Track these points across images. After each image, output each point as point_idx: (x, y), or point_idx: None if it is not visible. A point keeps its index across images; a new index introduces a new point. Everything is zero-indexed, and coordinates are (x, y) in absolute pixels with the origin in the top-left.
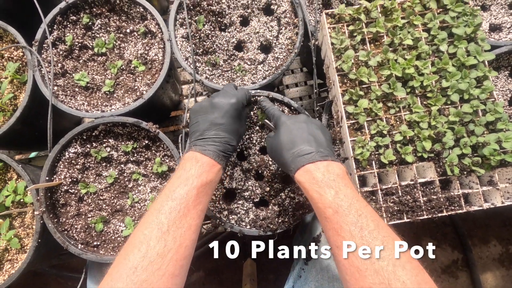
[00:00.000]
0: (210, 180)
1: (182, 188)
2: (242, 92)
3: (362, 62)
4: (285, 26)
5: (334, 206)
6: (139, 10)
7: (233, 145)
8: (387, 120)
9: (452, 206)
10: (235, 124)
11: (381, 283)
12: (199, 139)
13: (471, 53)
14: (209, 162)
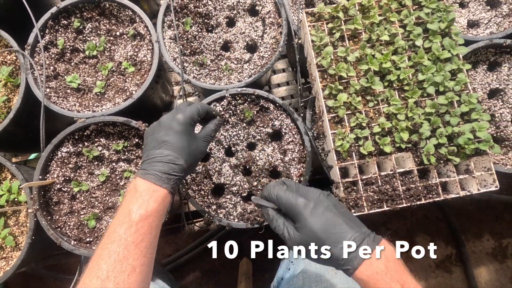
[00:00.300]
0: (151, 210)
1: (121, 227)
2: (193, 108)
3: (341, 58)
4: (269, 26)
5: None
6: (128, 14)
7: (179, 164)
8: (366, 113)
9: (430, 194)
10: (182, 141)
11: None
12: (144, 161)
13: (446, 47)
14: (149, 188)
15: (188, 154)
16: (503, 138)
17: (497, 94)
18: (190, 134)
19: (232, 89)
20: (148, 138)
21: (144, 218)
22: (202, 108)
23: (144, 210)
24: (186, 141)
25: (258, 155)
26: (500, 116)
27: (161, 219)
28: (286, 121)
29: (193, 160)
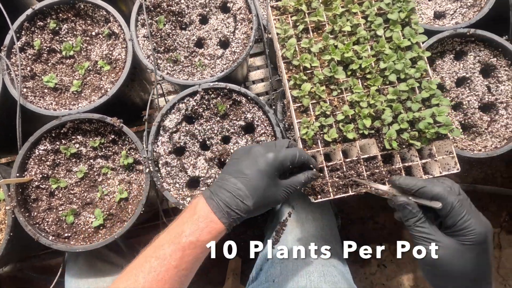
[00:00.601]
0: (203, 240)
1: (169, 246)
2: (290, 153)
3: (305, 50)
4: (240, 22)
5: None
6: (102, 14)
7: (246, 204)
8: (331, 102)
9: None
10: (261, 182)
11: None
12: (217, 182)
13: (406, 36)
14: (208, 216)
15: (261, 197)
16: (470, 125)
17: (464, 83)
18: (273, 178)
19: (204, 84)
20: (233, 159)
21: (193, 247)
22: (300, 157)
23: (196, 239)
24: (265, 184)
25: (233, 148)
26: (467, 104)
27: (206, 254)
28: (258, 114)
29: (263, 204)
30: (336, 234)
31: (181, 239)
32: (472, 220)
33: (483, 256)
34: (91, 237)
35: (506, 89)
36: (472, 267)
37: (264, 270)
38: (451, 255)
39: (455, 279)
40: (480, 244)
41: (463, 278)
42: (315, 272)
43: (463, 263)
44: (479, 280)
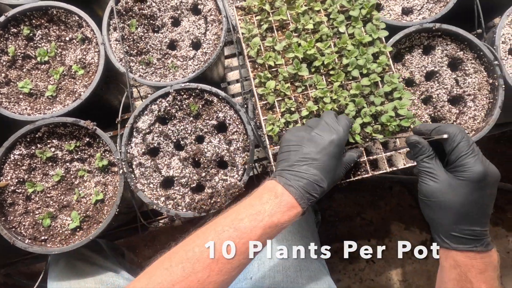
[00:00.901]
0: (282, 222)
1: (250, 222)
2: (345, 126)
3: (270, 48)
4: (211, 23)
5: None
6: (75, 19)
7: (322, 187)
8: (296, 98)
9: (359, 171)
10: (331, 163)
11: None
12: (286, 170)
13: (368, 32)
14: (289, 202)
15: (332, 177)
16: (440, 118)
17: (433, 76)
18: (339, 158)
19: (176, 85)
20: (291, 146)
21: (273, 227)
22: (350, 124)
23: (277, 220)
24: (334, 165)
25: (206, 147)
26: (437, 97)
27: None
28: (230, 113)
29: (333, 184)
30: (314, 230)
31: (263, 217)
32: (472, 159)
33: (477, 195)
34: (67, 239)
35: (473, 81)
36: (463, 202)
37: None
38: (444, 188)
39: (446, 211)
40: (475, 182)
41: (453, 212)
42: (291, 267)
43: (454, 197)
44: (471, 217)
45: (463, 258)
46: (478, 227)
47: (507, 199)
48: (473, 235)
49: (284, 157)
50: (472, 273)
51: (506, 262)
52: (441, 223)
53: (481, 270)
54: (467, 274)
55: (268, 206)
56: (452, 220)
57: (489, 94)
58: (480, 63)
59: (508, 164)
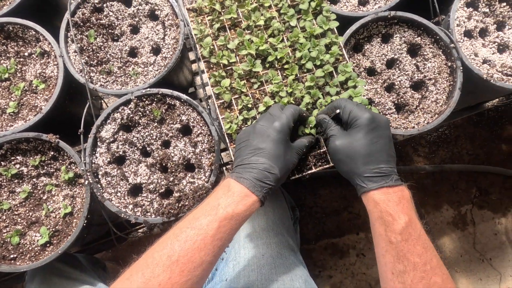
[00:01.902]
0: (238, 212)
1: (205, 218)
2: (288, 112)
3: (223, 47)
4: (169, 28)
5: (405, 234)
6: (32, 34)
7: (274, 174)
8: (253, 95)
9: (320, 162)
10: (278, 150)
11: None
12: (238, 166)
13: (319, 24)
14: (242, 191)
15: (283, 163)
16: (404, 104)
17: (394, 64)
18: (286, 142)
19: (136, 91)
20: (241, 143)
21: (229, 218)
22: (295, 111)
23: (232, 210)
24: (282, 150)
25: (173, 151)
26: (399, 84)
27: (240, 226)
28: (193, 115)
29: (286, 170)
30: (289, 226)
31: (217, 211)
32: (358, 110)
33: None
34: (38, 255)
35: (433, 65)
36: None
37: (218, 270)
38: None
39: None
40: (365, 125)
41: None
42: (266, 265)
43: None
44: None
45: (379, 195)
46: (383, 165)
47: (490, 181)
48: (380, 172)
49: (237, 155)
50: (390, 206)
51: (493, 244)
52: (353, 171)
53: (397, 202)
54: (386, 208)
55: (222, 200)
56: (360, 163)
57: (449, 77)
58: (438, 47)
59: (489, 147)
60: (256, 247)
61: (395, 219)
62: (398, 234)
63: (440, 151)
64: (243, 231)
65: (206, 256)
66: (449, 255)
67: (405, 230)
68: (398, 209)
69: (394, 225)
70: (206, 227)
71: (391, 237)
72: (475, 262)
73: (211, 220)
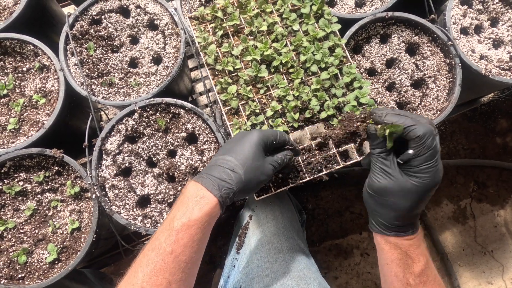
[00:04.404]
0: (194, 220)
1: (163, 234)
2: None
3: (227, 54)
4: (169, 37)
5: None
6: (30, 48)
7: (237, 173)
8: (259, 100)
9: (330, 164)
10: (248, 152)
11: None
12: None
13: (321, 27)
14: (197, 194)
15: (251, 167)
16: (405, 102)
17: (393, 64)
18: (260, 151)
19: (140, 102)
20: (221, 148)
21: (185, 228)
22: (281, 136)
23: (187, 219)
24: (252, 154)
25: (179, 160)
26: (400, 83)
27: (205, 232)
28: (198, 123)
29: (253, 176)
30: (299, 230)
31: (173, 224)
32: (434, 169)
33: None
34: (46, 273)
35: (431, 63)
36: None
37: (231, 277)
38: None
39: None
40: (429, 190)
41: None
42: (280, 270)
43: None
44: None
45: (401, 241)
46: (415, 219)
47: (486, 174)
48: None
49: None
50: (411, 250)
51: (494, 236)
52: (383, 217)
53: (417, 246)
54: (407, 252)
55: (178, 210)
56: (395, 216)
57: (448, 74)
58: (436, 45)
59: (483, 141)
60: (268, 252)
61: (415, 261)
62: (417, 277)
63: None
64: (254, 237)
65: (172, 276)
66: (452, 249)
67: (423, 273)
68: (418, 252)
69: (413, 268)
70: (164, 244)
71: (409, 279)
72: (477, 255)
73: (168, 236)
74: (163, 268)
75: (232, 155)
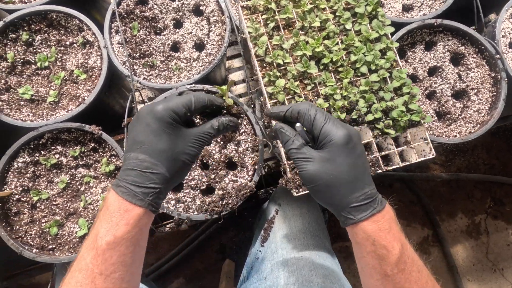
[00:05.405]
0: (121, 237)
1: (88, 254)
2: (182, 98)
3: (277, 47)
4: (214, 24)
5: (400, 264)
6: (75, 23)
7: (158, 173)
8: (306, 96)
9: (372, 167)
10: (160, 142)
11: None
12: (121, 168)
13: (374, 28)
14: (120, 207)
15: (171, 159)
16: (445, 112)
17: (436, 72)
18: (174, 132)
19: (181, 86)
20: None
21: (112, 247)
22: (197, 100)
23: (112, 236)
24: (165, 143)
25: (214, 149)
26: (440, 92)
27: (138, 243)
28: None
29: (178, 166)
30: (324, 228)
31: (97, 242)
32: (332, 126)
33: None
34: (76, 247)
35: (475, 75)
36: (345, 170)
37: (254, 269)
38: (323, 165)
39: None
40: (344, 145)
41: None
42: (305, 267)
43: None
44: (358, 181)
45: (369, 225)
46: (367, 188)
47: (504, 192)
48: (367, 198)
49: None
50: (382, 237)
51: (506, 254)
52: (337, 203)
53: (388, 230)
54: (379, 241)
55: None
56: (345, 192)
57: (492, 88)
58: (482, 57)
59: (505, 158)
60: (294, 248)
61: (389, 250)
62: (394, 266)
63: (457, 160)
64: (279, 231)
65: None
66: (462, 263)
67: (400, 260)
68: (390, 237)
69: (389, 257)
70: (91, 265)
71: (387, 270)
72: (487, 272)
73: (94, 256)
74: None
75: (144, 152)
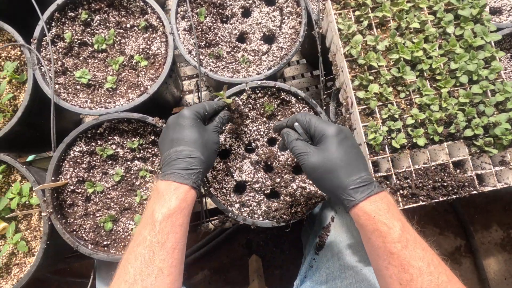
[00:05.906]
0: (174, 208)
1: (145, 228)
2: (199, 104)
3: (369, 47)
4: (287, 16)
5: (403, 240)
6: (138, 4)
7: (196, 157)
8: (398, 104)
9: (466, 187)
10: (193, 134)
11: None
12: (163, 165)
13: (478, 34)
14: (170, 187)
15: (203, 145)
16: None
17: None
18: (200, 126)
19: (251, 82)
20: (161, 144)
21: (166, 217)
22: (209, 105)
23: (167, 209)
24: (197, 133)
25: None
26: None
27: (186, 216)
28: None
29: (209, 151)
30: None
31: (153, 217)
32: (323, 124)
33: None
34: None
35: None
36: (339, 156)
37: (308, 277)
38: (320, 155)
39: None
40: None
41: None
42: (365, 281)
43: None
44: (353, 166)
45: (369, 205)
46: (363, 173)
47: None
48: (364, 181)
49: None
50: (382, 215)
51: None
52: (337, 186)
53: (387, 209)
54: (379, 218)
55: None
56: (342, 176)
57: None
58: None
59: None
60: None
61: (390, 227)
62: (397, 243)
63: None
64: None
65: (162, 263)
66: (493, 276)
67: (402, 237)
68: (390, 216)
69: (391, 234)
70: (149, 236)
71: (391, 248)
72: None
73: (151, 228)
74: (152, 258)
75: (182, 144)
